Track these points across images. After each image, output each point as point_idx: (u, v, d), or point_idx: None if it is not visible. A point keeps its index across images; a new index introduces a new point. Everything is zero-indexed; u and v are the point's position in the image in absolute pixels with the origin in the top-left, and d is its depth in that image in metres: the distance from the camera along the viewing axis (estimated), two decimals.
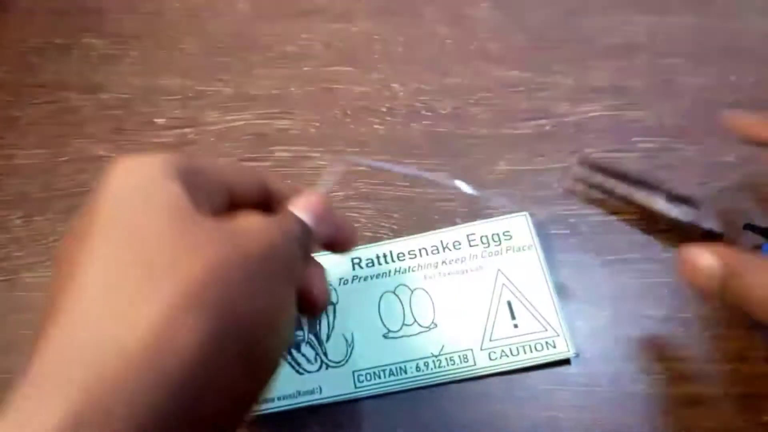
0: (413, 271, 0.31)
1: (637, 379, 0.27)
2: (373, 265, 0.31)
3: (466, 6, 0.41)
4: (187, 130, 0.36)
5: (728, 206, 0.32)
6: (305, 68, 0.38)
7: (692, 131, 0.36)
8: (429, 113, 0.37)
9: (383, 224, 0.33)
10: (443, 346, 0.29)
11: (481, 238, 0.32)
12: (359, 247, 0.32)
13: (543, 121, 0.36)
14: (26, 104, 0.37)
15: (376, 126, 0.36)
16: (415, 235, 0.32)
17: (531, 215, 0.32)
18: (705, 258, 0.23)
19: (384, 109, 0.37)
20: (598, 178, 0.33)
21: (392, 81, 0.38)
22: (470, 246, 0.31)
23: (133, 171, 0.18)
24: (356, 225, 0.33)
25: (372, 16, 0.40)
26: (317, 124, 0.36)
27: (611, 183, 0.32)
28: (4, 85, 0.38)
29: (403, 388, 0.28)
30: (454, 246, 0.32)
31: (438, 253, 0.31)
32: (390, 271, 0.31)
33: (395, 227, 0.33)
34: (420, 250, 0.32)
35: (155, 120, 0.37)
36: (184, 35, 0.40)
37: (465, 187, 0.28)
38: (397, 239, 0.32)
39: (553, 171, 0.34)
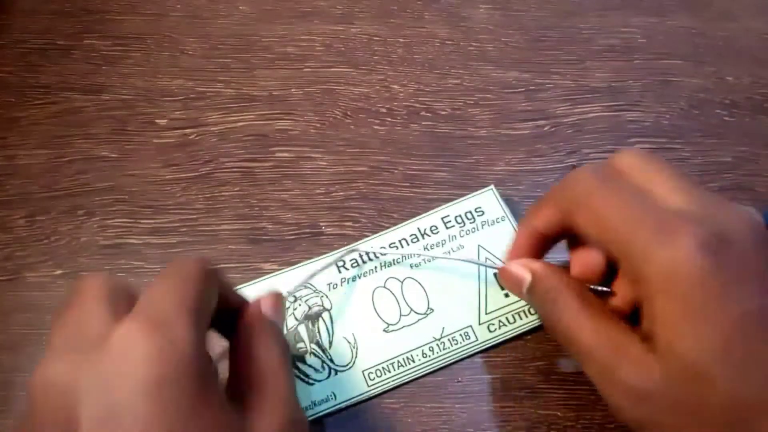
0: (399, 263, 0.31)
1: None
2: (358, 264, 0.31)
3: (465, 8, 0.41)
4: (188, 130, 0.36)
5: None
6: (306, 69, 0.39)
7: (689, 132, 0.36)
8: (428, 114, 0.37)
9: (383, 224, 0.33)
10: (443, 329, 0.30)
11: (455, 218, 0.32)
12: (341, 249, 0.32)
13: (542, 122, 0.37)
14: (28, 105, 0.38)
15: (376, 127, 0.36)
16: (393, 228, 0.32)
17: (497, 187, 0.33)
18: (517, 269, 0.26)
19: (384, 110, 0.37)
20: None
21: (392, 82, 0.38)
22: (447, 228, 0.32)
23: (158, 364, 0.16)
24: (356, 225, 0.33)
25: (372, 17, 0.41)
26: (318, 125, 0.37)
27: None
28: (6, 85, 0.38)
29: (415, 376, 0.29)
30: (431, 231, 0.32)
31: (418, 240, 0.32)
32: (376, 267, 0.31)
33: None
34: (400, 241, 0.32)
35: (157, 121, 0.37)
36: (185, 36, 0.40)
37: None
38: (376, 235, 0.32)
39: (551, 171, 0.35)
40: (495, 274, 0.30)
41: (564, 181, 0.24)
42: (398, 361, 0.29)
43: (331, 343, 0.30)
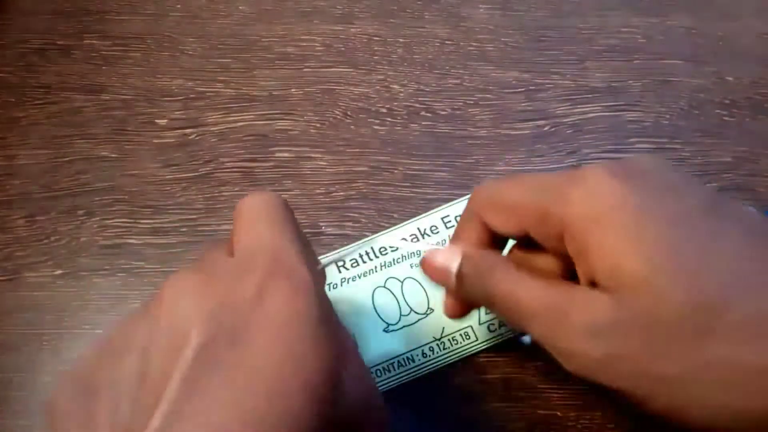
0: (398, 262, 0.31)
1: None
2: (358, 264, 0.31)
3: (465, 8, 0.41)
4: (188, 130, 0.36)
5: None
6: (306, 69, 0.39)
7: (689, 132, 0.36)
8: (428, 114, 0.37)
9: (383, 224, 0.33)
10: (444, 329, 0.30)
11: (455, 218, 0.32)
12: (341, 249, 0.32)
13: (541, 122, 0.36)
14: (28, 105, 0.38)
15: (375, 127, 0.36)
16: (393, 228, 0.32)
17: None
18: (441, 256, 0.23)
19: (384, 110, 0.37)
20: None
21: (392, 82, 0.38)
22: (447, 228, 0.32)
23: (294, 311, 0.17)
24: (356, 225, 0.33)
25: (372, 17, 0.41)
26: (317, 125, 0.37)
27: None
28: (5, 85, 0.38)
29: (415, 376, 0.29)
30: (431, 231, 0.32)
31: (418, 240, 0.32)
32: (376, 267, 0.31)
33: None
34: (400, 241, 0.32)
35: (157, 121, 0.37)
36: (185, 36, 0.40)
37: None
38: (376, 235, 0.32)
39: (551, 171, 0.35)
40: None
41: (470, 197, 0.24)
42: (399, 361, 0.29)
43: None
